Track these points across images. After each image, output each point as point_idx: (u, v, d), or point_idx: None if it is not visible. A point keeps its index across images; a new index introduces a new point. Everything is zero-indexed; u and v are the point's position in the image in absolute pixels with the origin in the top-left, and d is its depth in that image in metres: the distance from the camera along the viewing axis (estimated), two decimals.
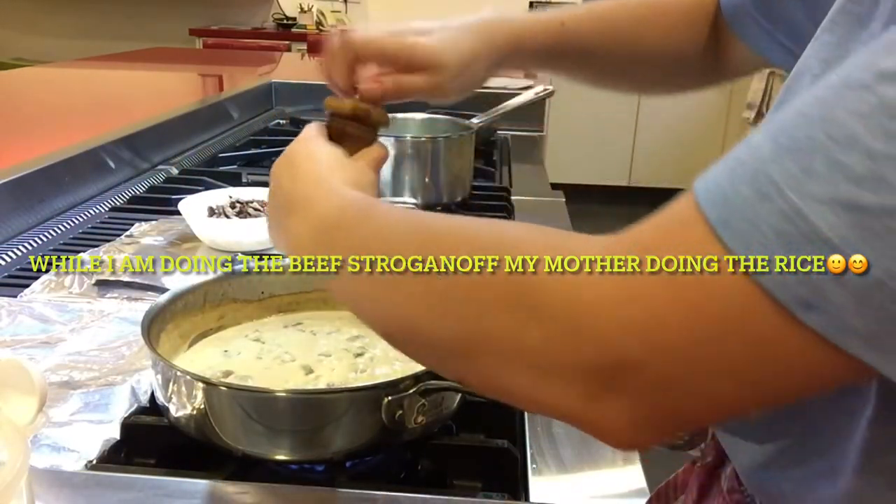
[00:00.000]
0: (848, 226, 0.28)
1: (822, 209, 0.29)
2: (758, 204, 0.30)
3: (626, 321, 0.33)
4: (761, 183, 0.30)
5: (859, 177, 0.28)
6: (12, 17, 4.85)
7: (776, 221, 0.29)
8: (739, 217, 0.31)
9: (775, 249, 0.29)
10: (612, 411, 0.34)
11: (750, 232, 0.30)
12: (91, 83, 2.23)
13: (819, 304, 0.29)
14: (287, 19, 4.69)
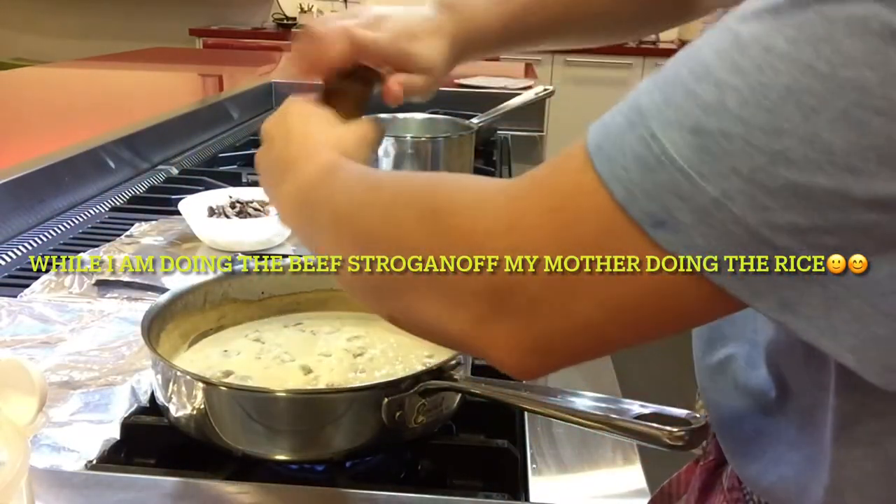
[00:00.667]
0: (692, 148, 0.31)
1: (673, 134, 0.31)
2: (626, 131, 0.33)
3: (509, 245, 0.36)
4: (632, 113, 0.33)
5: (706, 104, 0.31)
6: (12, 17, 4.85)
7: (636, 146, 0.32)
8: (610, 143, 0.34)
9: (633, 171, 0.32)
10: (500, 334, 0.38)
11: (615, 156, 0.33)
12: (91, 83, 2.23)
13: (667, 221, 0.32)
14: (287, 19, 4.69)
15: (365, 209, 0.46)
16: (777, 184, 0.30)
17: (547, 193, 0.37)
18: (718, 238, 0.31)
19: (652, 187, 0.32)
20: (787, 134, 0.29)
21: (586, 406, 0.51)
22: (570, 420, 0.52)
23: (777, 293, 0.32)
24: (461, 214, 0.40)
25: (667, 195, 0.32)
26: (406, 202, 0.44)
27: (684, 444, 0.47)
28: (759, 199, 0.30)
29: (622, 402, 0.51)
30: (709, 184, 0.31)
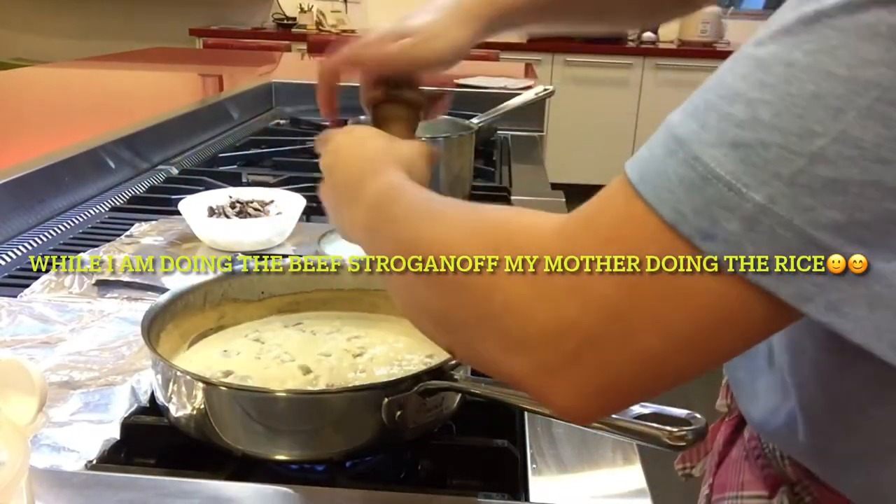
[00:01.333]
0: (734, 162, 0.33)
1: (714, 152, 0.33)
2: (667, 159, 0.35)
3: (569, 287, 0.37)
4: (669, 142, 0.35)
5: (741, 121, 0.33)
6: (12, 17, 4.85)
7: (680, 170, 0.34)
8: (653, 173, 0.35)
9: (679, 192, 0.34)
10: (561, 381, 0.38)
11: (660, 182, 0.35)
12: (91, 83, 2.23)
13: (717, 233, 0.33)
14: (287, 19, 4.69)
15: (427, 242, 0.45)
16: (816, 183, 0.32)
17: (598, 229, 0.37)
18: (767, 243, 0.33)
19: (700, 204, 0.33)
20: (819, 135, 0.32)
21: None
22: None
23: (824, 295, 0.33)
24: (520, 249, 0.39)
25: (714, 209, 0.33)
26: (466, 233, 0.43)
27: (684, 444, 0.47)
28: (801, 200, 0.32)
29: None
30: (754, 191, 0.32)
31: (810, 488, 0.55)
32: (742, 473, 0.63)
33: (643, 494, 0.57)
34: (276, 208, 1.08)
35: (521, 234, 0.41)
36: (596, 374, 0.37)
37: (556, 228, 0.39)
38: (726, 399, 0.69)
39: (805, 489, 0.55)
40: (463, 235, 0.43)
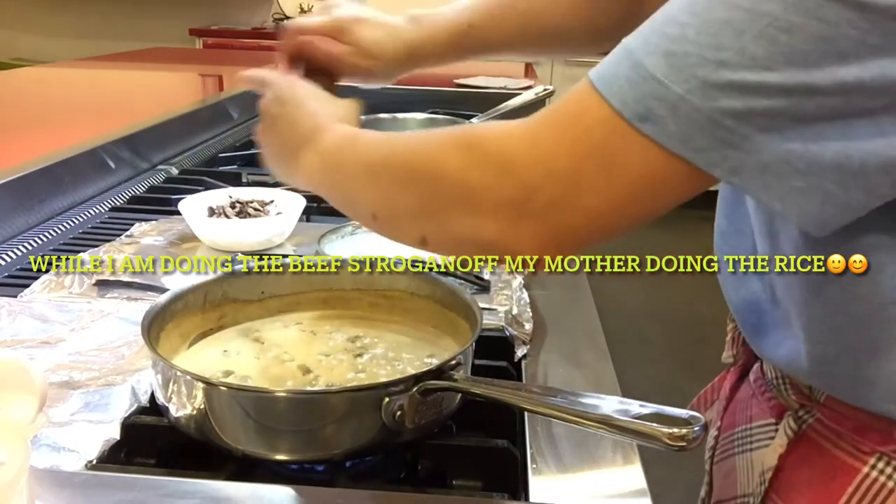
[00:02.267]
0: (665, 66, 0.44)
1: (652, 59, 0.45)
2: (619, 64, 0.47)
3: (531, 159, 0.49)
4: (622, 52, 0.47)
5: (673, 38, 0.45)
6: (12, 17, 4.85)
7: (627, 71, 0.46)
8: (608, 74, 0.47)
9: (625, 87, 0.46)
10: (525, 233, 0.49)
11: (612, 80, 0.46)
12: (91, 83, 2.23)
13: (649, 116, 0.45)
14: (287, 19, 4.69)
15: (400, 155, 0.57)
16: (721, 81, 0.43)
17: (560, 116, 0.49)
18: (685, 124, 0.44)
19: (639, 95, 0.45)
20: (725, 49, 0.43)
21: (586, 406, 0.51)
22: (570, 420, 0.52)
23: (726, 162, 0.44)
24: (491, 143, 0.51)
25: (649, 99, 0.45)
26: (441, 142, 0.55)
27: (684, 444, 0.47)
28: (710, 93, 0.43)
29: (622, 402, 0.51)
30: (677, 86, 0.44)
31: (812, 411, 0.63)
32: (750, 409, 0.72)
33: (643, 494, 0.57)
34: (276, 208, 1.08)
35: (490, 133, 0.52)
36: (553, 228, 0.49)
37: (523, 123, 0.50)
38: (732, 350, 0.76)
39: (808, 412, 0.63)
40: (436, 144, 0.55)
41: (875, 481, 0.58)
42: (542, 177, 0.48)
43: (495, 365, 0.71)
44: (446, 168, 0.52)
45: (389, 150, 0.58)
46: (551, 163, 0.48)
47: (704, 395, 0.80)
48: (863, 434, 0.58)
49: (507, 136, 0.51)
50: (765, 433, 0.68)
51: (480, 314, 0.65)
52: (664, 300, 3.15)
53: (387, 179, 0.57)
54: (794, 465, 0.64)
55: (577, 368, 0.74)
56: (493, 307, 0.81)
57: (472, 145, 0.52)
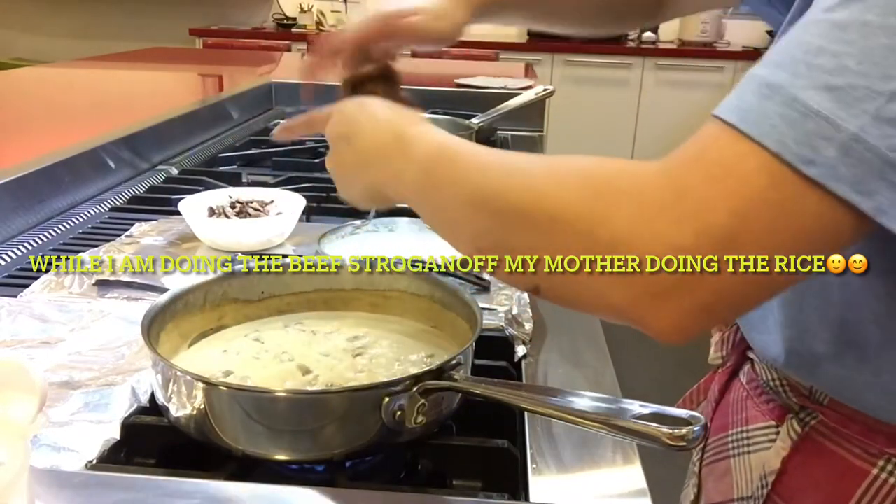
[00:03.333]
0: (829, 101, 0.40)
1: (811, 93, 0.40)
2: (764, 102, 0.41)
3: (681, 213, 0.41)
4: (763, 90, 0.42)
5: (830, 70, 0.40)
6: (12, 17, 4.85)
7: (780, 109, 0.41)
8: (753, 114, 0.41)
9: (781, 126, 0.40)
10: (665, 307, 0.42)
11: (762, 120, 0.41)
12: (91, 83, 2.23)
13: (816, 159, 0.40)
14: (287, 19, 4.69)
15: (511, 189, 0.48)
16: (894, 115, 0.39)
17: (703, 166, 0.42)
18: (858, 165, 0.39)
19: (801, 135, 0.40)
20: (894, 79, 0.39)
21: (586, 406, 0.51)
22: (570, 420, 0.52)
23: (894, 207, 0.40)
24: (625, 190, 0.43)
25: (814, 138, 0.40)
26: (559, 180, 0.46)
27: (684, 444, 0.47)
28: (885, 129, 0.39)
29: (622, 402, 0.51)
30: (847, 124, 0.39)
31: (814, 412, 0.62)
32: (745, 411, 0.71)
33: (643, 494, 0.57)
34: (276, 208, 1.08)
35: (620, 176, 0.44)
36: (703, 296, 0.42)
37: (659, 169, 0.43)
38: (721, 352, 0.76)
39: (809, 414, 0.63)
40: (557, 182, 0.46)
41: (885, 483, 0.57)
42: (692, 235, 0.41)
43: (495, 365, 0.71)
44: (569, 214, 0.44)
45: (498, 177, 0.50)
46: (704, 219, 0.41)
47: (690, 396, 0.80)
48: (870, 436, 0.58)
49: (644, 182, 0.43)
50: (764, 436, 0.68)
51: (480, 314, 0.64)
52: None
53: (494, 216, 0.49)
54: (799, 468, 0.63)
55: (577, 368, 0.74)
56: (493, 307, 0.81)
57: (600, 189, 0.44)
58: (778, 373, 0.66)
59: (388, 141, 0.58)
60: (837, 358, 0.58)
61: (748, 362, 0.72)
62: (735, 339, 0.74)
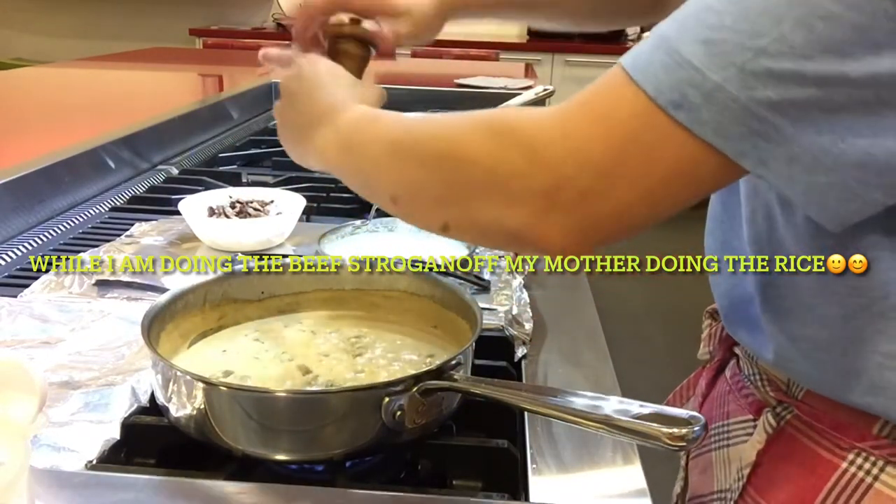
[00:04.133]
0: (702, 53, 0.44)
1: (689, 47, 0.45)
2: (654, 52, 0.46)
3: (564, 149, 0.48)
4: (656, 41, 0.46)
5: (710, 25, 0.44)
6: (12, 17, 4.85)
7: (663, 58, 0.45)
8: (642, 61, 0.46)
9: (660, 74, 0.45)
10: (553, 225, 0.48)
11: (647, 67, 0.46)
12: (91, 83, 2.23)
13: (683, 103, 0.44)
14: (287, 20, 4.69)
15: (425, 135, 0.55)
16: (759, 69, 0.43)
17: (594, 106, 0.48)
18: (719, 112, 0.44)
19: (674, 81, 0.45)
20: (764, 36, 0.43)
21: (586, 406, 0.51)
22: (570, 420, 0.52)
23: (756, 153, 0.44)
24: (522, 130, 0.50)
25: (684, 86, 0.44)
26: (469, 126, 0.53)
27: (684, 444, 0.47)
28: (747, 82, 0.43)
29: (622, 402, 0.51)
30: (714, 74, 0.43)
31: (790, 407, 0.64)
32: (726, 405, 0.72)
33: (643, 494, 0.57)
34: (276, 208, 1.08)
35: (520, 119, 0.51)
36: (582, 220, 0.48)
37: (555, 111, 0.49)
38: (708, 347, 0.78)
39: (786, 408, 0.64)
40: (464, 127, 0.53)
41: (854, 476, 0.58)
42: (574, 167, 0.47)
43: (495, 365, 0.71)
44: (474, 153, 0.51)
45: (414, 129, 0.57)
46: (585, 153, 0.47)
47: (679, 392, 0.81)
48: (841, 430, 0.59)
49: (538, 125, 0.50)
50: (742, 429, 0.69)
51: (480, 314, 0.65)
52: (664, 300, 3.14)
53: (409, 161, 0.55)
54: (773, 461, 0.64)
55: (577, 368, 0.74)
56: (493, 307, 0.81)
57: (502, 132, 0.51)
58: (758, 367, 0.67)
59: (322, 110, 0.63)
60: (811, 341, 0.58)
61: (734, 358, 0.73)
62: (722, 335, 0.75)
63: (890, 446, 0.57)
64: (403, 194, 0.56)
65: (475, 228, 0.53)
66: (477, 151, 0.51)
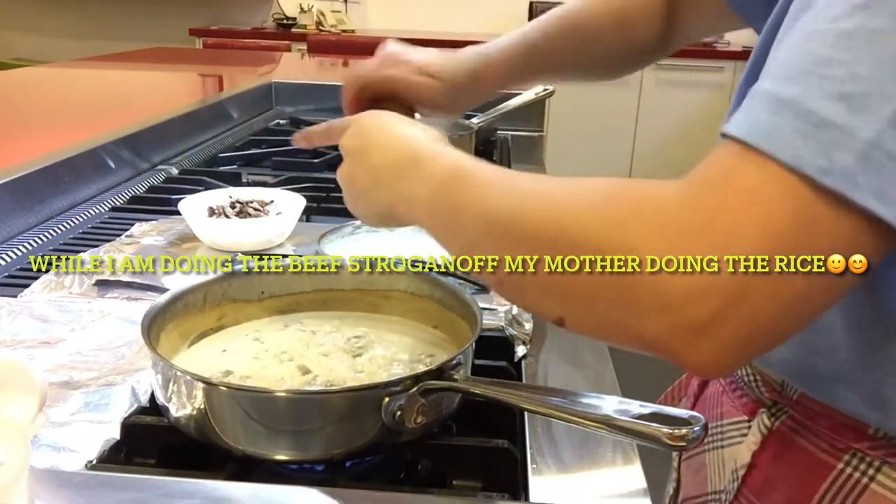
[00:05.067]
0: (841, 109, 0.39)
1: (822, 104, 0.39)
2: (775, 118, 0.40)
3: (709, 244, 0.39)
4: (773, 106, 0.40)
5: (842, 79, 0.39)
6: (12, 17, 4.85)
7: (792, 122, 0.39)
8: (764, 130, 0.40)
9: (796, 141, 0.39)
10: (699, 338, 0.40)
11: (774, 135, 0.40)
12: (91, 83, 2.23)
13: (833, 168, 0.38)
14: (287, 19, 4.69)
15: (530, 217, 0.46)
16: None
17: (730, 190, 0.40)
18: (877, 171, 0.38)
19: (816, 146, 0.39)
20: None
21: (586, 406, 0.51)
22: (570, 420, 0.52)
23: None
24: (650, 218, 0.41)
25: (830, 148, 0.38)
26: (580, 207, 0.44)
27: (684, 444, 0.47)
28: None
29: (622, 402, 0.51)
30: (863, 131, 0.38)
31: (785, 408, 0.63)
32: (720, 406, 0.71)
33: (643, 494, 0.57)
34: (276, 208, 1.08)
35: (644, 202, 0.42)
36: (742, 327, 0.40)
37: (684, 194, 0.41)
38: None
39: (780, 409, 0.63)
40: (578, 209, 0.44)
41: (850, 478, 0.58)
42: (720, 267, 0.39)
43: (495, 365, 0.71)
44: (592, 245, 0.42)
45: (516, 204, 0.47)
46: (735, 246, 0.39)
47: (672, 392, 0.81)
48: (837, 431, 0.59)
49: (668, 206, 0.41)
50: (737, 430, 0.68)
51: (480, 314, 0.64)
52: None
53: (513, 246, 0.46)
54: (768, 462, 0.64)
55: (577, 368, 0.74)
56: (493, 307, 0.81)
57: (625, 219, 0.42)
58: (752, 367, 0.67)
59: (402, 159, 0.56)
60: (809, 348, 0.58)
61: None
62: None
63: (887, 447, 0.57)
64: (508, 280, 0.48)
65: (599, 329, 0.46)
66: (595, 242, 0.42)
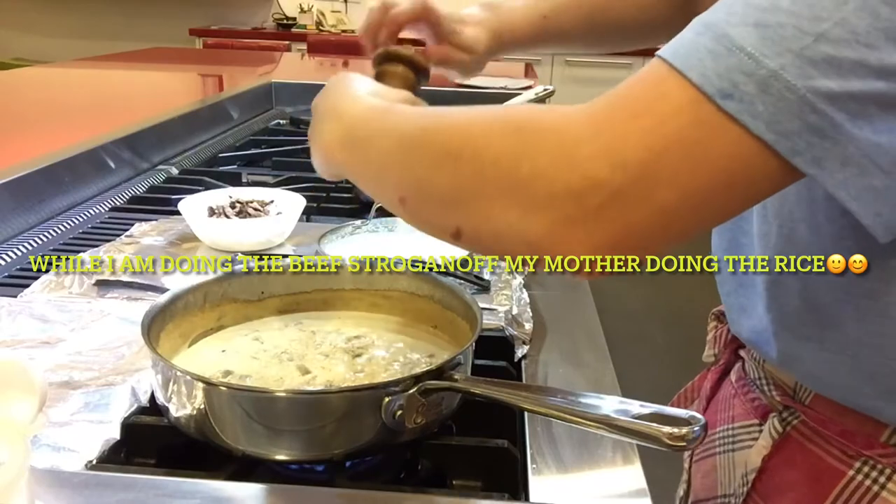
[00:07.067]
0: (755, 38, 0.40)
1: (740, 30, 0.40)
2: (696, 39, 0.42)
3: (596, 149, 0.42)
4: (698, 27, 0.42)
5: (763, 8, 0.40)
6: (12, 17, 4.85)
7: (708, 44, 0.41)
8: (684, 49, 0.42)
9: (707, 61, 0.41)
10: (578, 234, 0.42)
11: (691, 54, 0.41)
12: (91, 83, 2.23)
13: (734, 92, 0.40)
14: (287, 19, 4.69)
15: (440, 131, 0.50)
16: (819, 57, 0.39)
17: (630, 101, 0.43)
18: (775, 104, 0.39)
19: (723, 69, 0.40)
20: (824, 20, 0.39)
21: (586, 406, 0.51)
22: (570, 420, 0.52)
23: (811, 151, 0.40)
24: (547, 128, 0.44)
25: (735, 73, 0.40)
26: (488, 122, 0.48)
27: (684, 444, 0.47)
28: (805, 70, 0.39)
29: (622, 402, 0.51)
30: (769, 60, 0.39)
31: (797, 412, 0.63)
32: (732, 409, 0.71)
33: (643, 494, 0.57)
34: (276, 208, 1.08)
35: (543, 115, 0.46)
36: (613, 227, 0.42)
37: (584, 107, 0.44)
38: (713, 349, 0.76)
39: (792, 413, 0.63)
40: (481, 123, 0.48)
41: (860, 485, 0.58)
42: (607, 167, 0.41)
43: (495, 365, 0.71)
44: (492, 151, 0.45)
45: (426, 123, 0.51)
46: (619, 152, 0.41)
47: (684, 394, 0.80)
48: (848, 437, 0.58)
49: (566, 120, 0.44)
50: (748, 434, 0.68)
51: (480, 314, 0.65)
52: (664, 300, 3.15)
53: (419, 158, 0.50)
54: (778, 467, 0.64)
55: (577, 368, 0.74)
56: (493, 307, 0.81)
57: (524, 128, 0.45)
58: (765, 370, 0.67)
59: (328, 107, 0.59)
60: (819, 341, 0.58)
61: (739, 360, 0.72)
62: (727, 337, 0.74)
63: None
64: (412, 195, 0.51)
65: (490, 236, 0.47)
66: (496, 149, 0.45)
